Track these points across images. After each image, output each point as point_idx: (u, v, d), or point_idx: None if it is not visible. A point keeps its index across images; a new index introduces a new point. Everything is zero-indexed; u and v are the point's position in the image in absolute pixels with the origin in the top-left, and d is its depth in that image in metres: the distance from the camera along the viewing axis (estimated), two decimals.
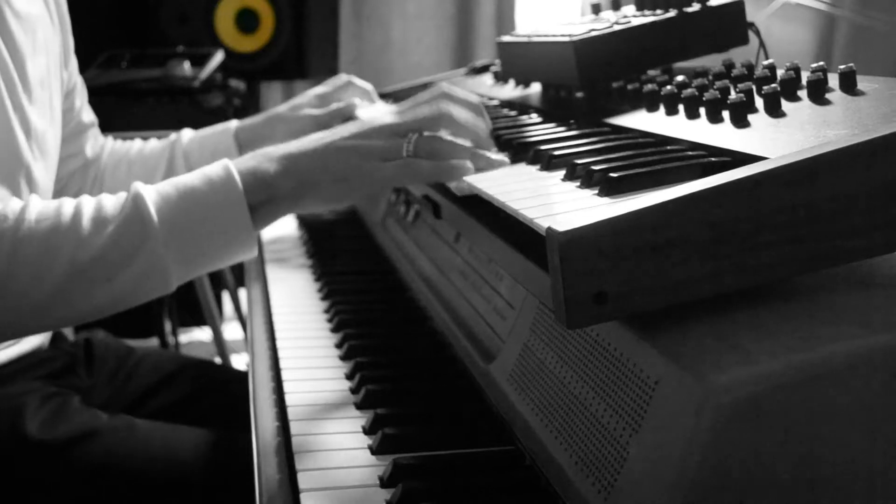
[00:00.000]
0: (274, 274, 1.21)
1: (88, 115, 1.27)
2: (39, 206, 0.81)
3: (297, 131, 1.21)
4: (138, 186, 0.82)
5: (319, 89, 1.32)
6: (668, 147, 0.72)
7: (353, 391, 0.81)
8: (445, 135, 0.87)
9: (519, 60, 1.11)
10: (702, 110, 0.75)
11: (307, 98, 1.30)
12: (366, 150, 0.86)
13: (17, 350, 1.09)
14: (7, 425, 0.98)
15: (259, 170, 0.85)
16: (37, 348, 1.13)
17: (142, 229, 0.80)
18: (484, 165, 0.83)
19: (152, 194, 0.82)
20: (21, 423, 0.98)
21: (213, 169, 0.85)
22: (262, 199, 0.85)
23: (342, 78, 1.31)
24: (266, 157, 0.87)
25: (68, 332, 1.31)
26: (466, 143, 0.87)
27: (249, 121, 1.30)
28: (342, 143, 0.87)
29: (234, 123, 1.30)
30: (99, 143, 1.31)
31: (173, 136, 1.32)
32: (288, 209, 0.87)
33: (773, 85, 0.70)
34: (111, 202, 0.82)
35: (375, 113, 1.03)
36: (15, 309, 0.80)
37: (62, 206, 0.81)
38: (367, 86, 1.32)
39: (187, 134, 1.31)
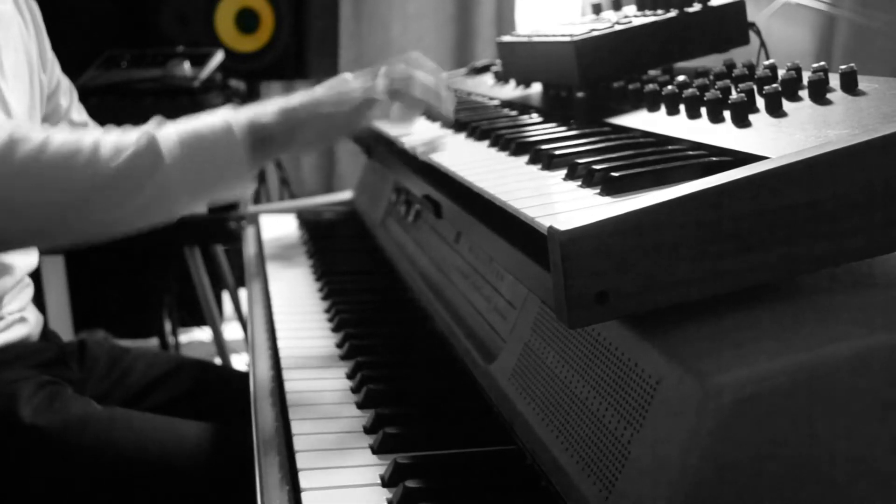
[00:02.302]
0: (274, 274, 1.22)
1: (79, 115, 1.28)
2: (62, 135, 0.91)
3: None
4: (151, 128, 0.94)
5: None
6: (669, 147, 0.72)
7: (354, 390, 0.81)
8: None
9: (519, 60, 1.11)
10: (703, 110, 0.75)
11: None
12: (348, 88, 1.00)
13: (6, 338, 1.10)
14: (1, 410, 0.98)
15: (256, 115, 0.97)
16: (25, 337, 1.14)
17: (153, 160, 0.91)
18: (447, 106, 1.02)
19: (162, 133, 0.93)
20: (15, 408, 0.98)
21: (214, 116, 0.97)
22: (258, 138, 0.96)
23: None
24: (261, 107, 0.99)
25: (64, 332, 1.31)
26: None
27: None
28: (328, 88, 1.01)
29: None
30: None
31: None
32: (282, 148, 1.00)
33: (775, 85, 0.70)
34: (127, 137, 0.93)
35: None
36: (40, 214, 0.91)
37: (83, 136, 0.92)
38: None
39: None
